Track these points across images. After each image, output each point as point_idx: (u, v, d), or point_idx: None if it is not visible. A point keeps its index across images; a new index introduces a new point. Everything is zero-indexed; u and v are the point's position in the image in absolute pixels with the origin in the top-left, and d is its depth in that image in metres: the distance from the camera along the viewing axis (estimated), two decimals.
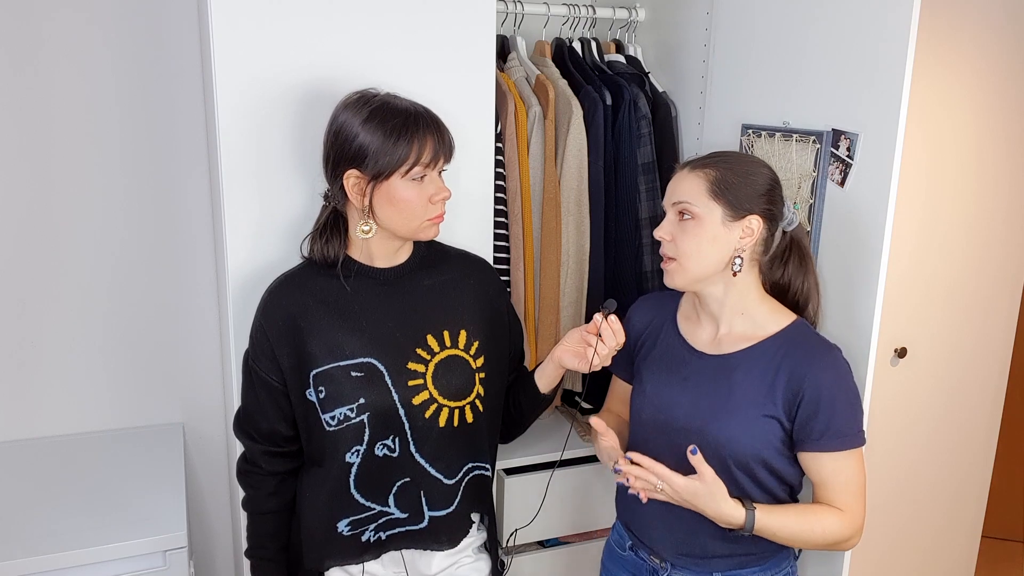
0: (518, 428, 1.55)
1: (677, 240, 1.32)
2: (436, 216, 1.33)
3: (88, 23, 1.83)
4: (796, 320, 1.36)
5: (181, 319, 2.03)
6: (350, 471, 1.34)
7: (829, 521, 1.28)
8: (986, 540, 2.70)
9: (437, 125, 1.31)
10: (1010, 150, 2.06)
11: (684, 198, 1.31)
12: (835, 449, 1.28)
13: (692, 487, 1.25)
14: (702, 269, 1.32)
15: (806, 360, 1.29)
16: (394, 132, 1.26)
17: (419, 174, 1.29)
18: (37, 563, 1.47)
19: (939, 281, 2.03)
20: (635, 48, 2.13)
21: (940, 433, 2.14)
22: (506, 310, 1.50)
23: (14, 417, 1.94)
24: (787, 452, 1.32)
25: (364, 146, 1.27)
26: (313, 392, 1.33)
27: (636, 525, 1.46)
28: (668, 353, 1.43)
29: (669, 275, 1.35)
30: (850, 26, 1.47)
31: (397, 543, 1.40)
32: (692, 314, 1.44)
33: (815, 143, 1.54)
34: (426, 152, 1.28)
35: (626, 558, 1.49)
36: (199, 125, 1.96)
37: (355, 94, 1.32)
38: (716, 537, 1.36)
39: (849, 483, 1.29)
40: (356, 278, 1.37)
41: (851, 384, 1.30)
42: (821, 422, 1.27)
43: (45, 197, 1.87)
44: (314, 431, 1.35)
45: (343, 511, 1.36)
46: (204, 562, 2.20)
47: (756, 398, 1.31)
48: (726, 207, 1.30)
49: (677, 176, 1.36)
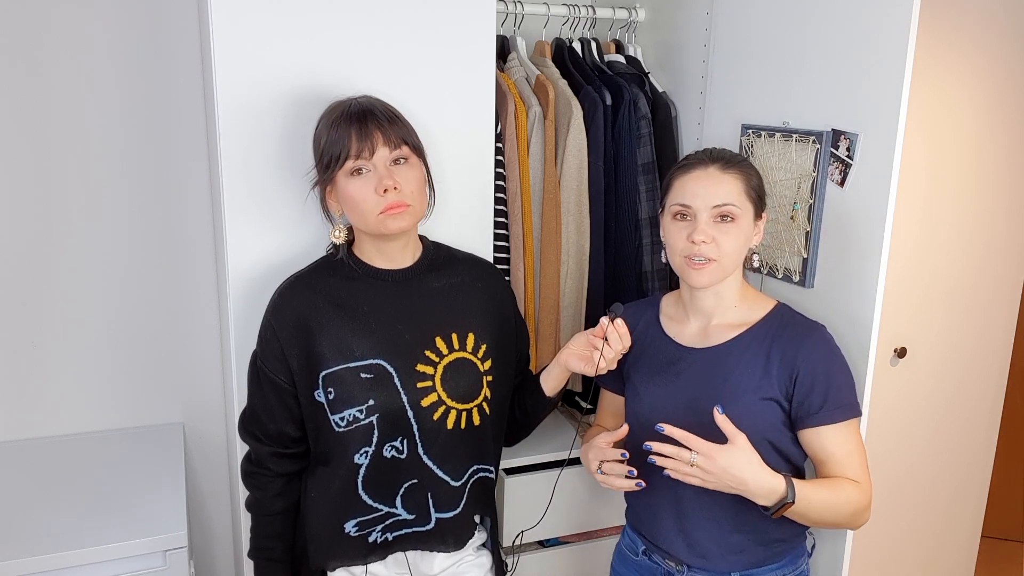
0: (523, 431, 1.55)
1: (719, 242, 1.30)
2: (387, 208, 1.29)
3: (88, 24, 1.83)
4: (778, 304, 1.39)
5: (181, 319, 2.03)
6: (358, 472, 1.34)
7: (851, 490, 1.27)
8: (986, 540, 2.70)
9: (362, 117, 1.29)
10: (1010, 150, 2.06)
11: (728, 200, 1.30)
12: (836, 420, 1.29)
13: (729, 453, 1.19)
14: (734, 267, 1.35)
15: (796, 339, 1.32)
16: (325, 133, 1.31)
17: (354, 168, 1.29)
18: (37, 563, 1.47)
19: (939, 281, 2.03)
20: (635, 48, 2.13)
21: (940, 433, 2.14)
22: (513, 314, 1.50)
23: (15, 417, 1.94)
24: (790, 432, 1.33)
25: (314, 153, 1.35)
26: (322, 393, 1.33)
27: (649, 530, 1.45)
28: (657, 355, 1.43)
29: (703, 275, 1.31)
30: (850, 26, 1.47)
31: (403, 544, 1.40)
32: (677, 313, 1.45)
33: (815, 143, 1.54)
34: (351, 146, 1.28)
35: (639, 563, 1.49)
36: (199, 125, 1.96)
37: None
38: (732, 533, 1.36)
39: (854, 454, 1.30)
40: (365, 280, 1.38)
41: (842, 357, 1.33)
42: (819, 396, 1.29)
43: (45, 197, 1.87)
44: (322, 432, 1.35)
45: (351, 512, 1.36)
46: (204, 562, 2.20)
47: (753, 382, 1.32)
48: (755, 207, 1.34)
49: (702, 175, 1.32)
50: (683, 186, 1.33)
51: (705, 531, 1.36)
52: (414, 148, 1.33)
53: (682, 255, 1.33)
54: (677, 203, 1.33)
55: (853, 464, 1.29)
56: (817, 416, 1.29)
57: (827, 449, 1.30)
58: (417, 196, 1.33)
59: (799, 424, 1.31)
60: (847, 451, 1.29)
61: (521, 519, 1.78)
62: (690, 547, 1.38)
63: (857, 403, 1.32)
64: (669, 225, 1.36)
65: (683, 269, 1.34)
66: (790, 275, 1.62)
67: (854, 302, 1.50)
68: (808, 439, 1.32)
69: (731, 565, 1.37)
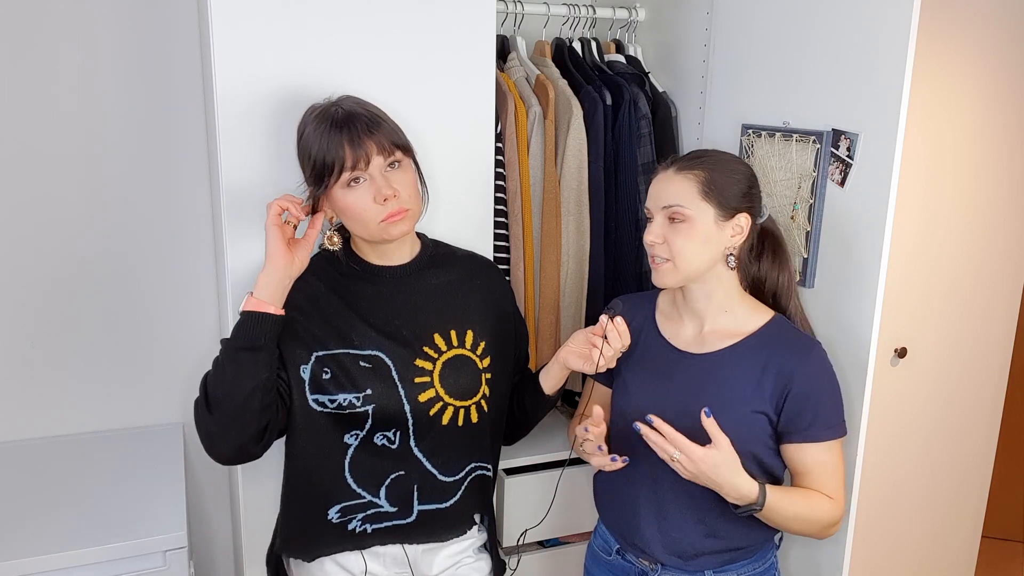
0: (522, 429, 1.55)
1: (670, 242, 1.32)
2: (388, 216, 1.29)
3: (87, 24, 1.83)
4: (775, 316, 1.39)
5: (181, 319, 2.03)
6: (346, 453, 1.34)
7: (824, 505, 1.31)
8: (986, 540, 2.70)
9: (350, 124, 1.26)
10: (1010, 150, 2.06)
11: (676, 201, 1.31)
12: (822, 440, 1.31)
13: (712, 457, 1.22)
14: (695, 269, 1.33)
15: (792, 355, 1.32)
16: (314, 141, 1.27)
17: (350, 180, 1.27)
18: (37, 563, 1.47)
19: (939, 281, 2.03)
20: (635, 48, 2.13)
21: (940, 433, 2.14)
22: (512, 312, 1.50)
23: (14, 417, 1.94)
24: (773, 445, 1.35)
25: (302, 162, 1.32)
26: (308, 369, 1.31)
27: (623, 528, 1.45)
28: (650, 354, 1.43)
29: (661, 275, 1.34)
30: (850, 26, 1.47)
31: (383, 537, 1.40)
32: (672, 313, 1.44)
33: (815, 143, 1.54)
34: (345, 158, 1.25)
35: (612, 563, 1.49)
36: (199, 125, 1.96)
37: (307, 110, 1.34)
38: (708, 535, 1.36)
39: (833, 472, 1.32)
40: (363, 277, 1.38)
41: (834, 376, 1.34)
42: (808, 414, 1.30)
43: (45, 197, 1.87)
44: (301, 407, 1.32)
45: (336, 496, 1.35)
46: (204, 562, 2.20)
47: (745, 394, 1.32)
48: (717, 207, 1.31)
49: (662, 178, 1.35)
50: (649, 189, 1.37)
51: (683, 532, 1.37)
52: (404, 149, 1.32)
53: (648, 255, 1.36)
54: (645, 206, 1.39)
55: (832, 481, 1.32)
56: (805, 433, 1.31)
57: (807, 464, 1.32)
58: (415, 198, 1.33)
59: (784, 438, 1.33)
60: (827, 469, 1.32)
61: (521, 519, 1.78)
62: (667, 546, 1.39)
63: (844, 423, 1.34)
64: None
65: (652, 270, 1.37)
66: None
67: (854, 302, 1.50)
68: (790, 453, 1.34)
69: (705, 564, 1.39)
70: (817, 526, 1.32)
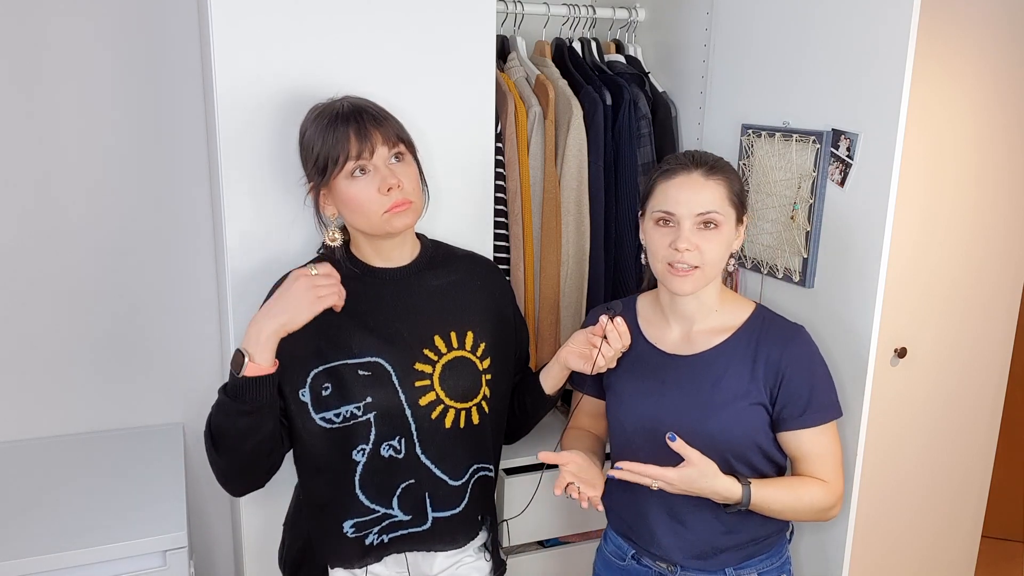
0: (522, 429, 1.55)
1: (703, 249, 1.29)
2: (392, 207, 1.29)
3: (88, 24, 1.83)
4: (757, 306, 1.40)
5: (181, 319, 2.03)
6: (355, 470, 1.33)
7: (815, 491, 1.32)
8: (986, 540, 2.70)
9: (357, 117, 1.27)
10: (1010, 150, 2.06)
11: (712, 207, 1.29)
12: (815, 424, 1.32)
13: (686, 476, 1.25)
14: (716, 273, 1.34)
15: (779, 343, 1.33)
16: (319, 136, 1.28)
17: (354, 170, 1.28)
18: (37, 563, 1.47)
19: (939, 281, 2.02)
20: (635, 48, 2.13)
21: (940, 433, 2.14)
22: (512, 312, 1.50)
23: (14, 417, 1.94)
24: (772, 434, 1.35)
25: (304, 159, 1.32)
26: (308, 392, 1.31)
27: (639, 535, 1.44)
28: (639, 360, 1.42)
29: (686, 282, 1.30)
30: (850, 26, 1.47)
31: (399, 546, 1.40)
32: (655, 317, 1.44)
33: (815, 143, 1.54)
34: (351, 147, 1.26)
35: (627, 568, 1.48)
36: (199, 125, 1.96)
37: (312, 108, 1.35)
38: (726, 532, 1.37)
39: (829, 455, 1.34)
40: (363, 279, 1.37)
41: (822, 358, 1.36)
42: (801, 400, 1.31)
43: (44, 196, 1.87)
44: (307, 432, 1.33)
45: (348, 512, 1.35)
46: (204, 562, 2.20)
47: (741, 388, 1.33)
48: (737, 212, 1.33)
49: (688, 181, 1.30)
50: (665, 192, 1.31)
51: (702, 533, 1.37)
52: (408, 144, 1.33)
53: (664, 261, 1.31)
54: (660, 210, 1.32)
55: (826, 465, 1.33)
56: (798, 420, 1.32)
57: (803, 449, 1.34)
58: (417, 192, 1.33)
59: (781, 426, 1.33)
60: (821, 452, 1.33)
61: (521, 519, 1.78)
62: (686, 550, 1.38)
63: (837, 402, 1.35)
64: (651, 231, 1.34)
65: (665, 275, 1.32)
66: (790, 275, 1.62)
67: (854, 302, 1.50)
68: (786, 440, 1.35)
69: (726, 561, 1.38)
70: (809, 512, 1.33)
